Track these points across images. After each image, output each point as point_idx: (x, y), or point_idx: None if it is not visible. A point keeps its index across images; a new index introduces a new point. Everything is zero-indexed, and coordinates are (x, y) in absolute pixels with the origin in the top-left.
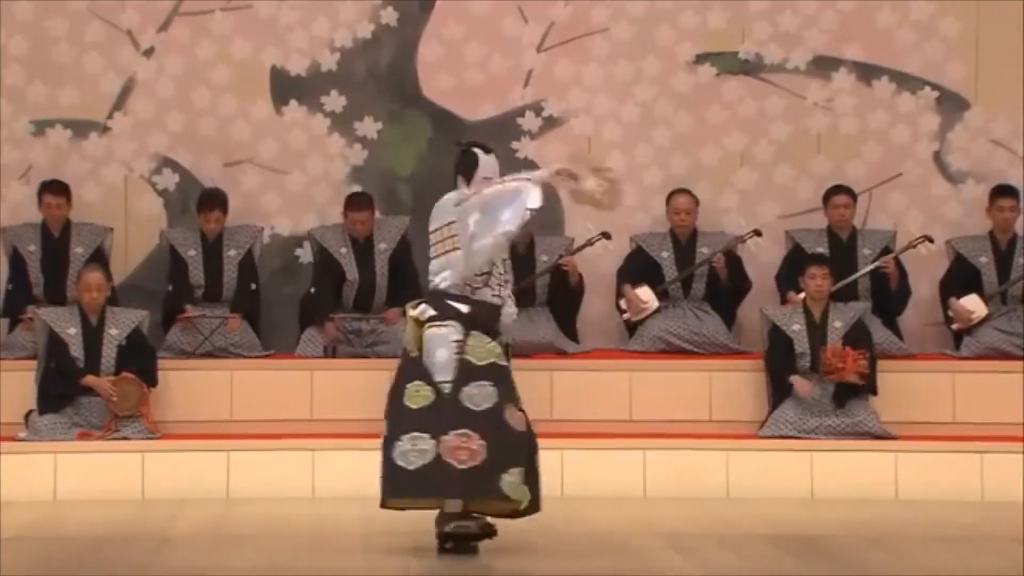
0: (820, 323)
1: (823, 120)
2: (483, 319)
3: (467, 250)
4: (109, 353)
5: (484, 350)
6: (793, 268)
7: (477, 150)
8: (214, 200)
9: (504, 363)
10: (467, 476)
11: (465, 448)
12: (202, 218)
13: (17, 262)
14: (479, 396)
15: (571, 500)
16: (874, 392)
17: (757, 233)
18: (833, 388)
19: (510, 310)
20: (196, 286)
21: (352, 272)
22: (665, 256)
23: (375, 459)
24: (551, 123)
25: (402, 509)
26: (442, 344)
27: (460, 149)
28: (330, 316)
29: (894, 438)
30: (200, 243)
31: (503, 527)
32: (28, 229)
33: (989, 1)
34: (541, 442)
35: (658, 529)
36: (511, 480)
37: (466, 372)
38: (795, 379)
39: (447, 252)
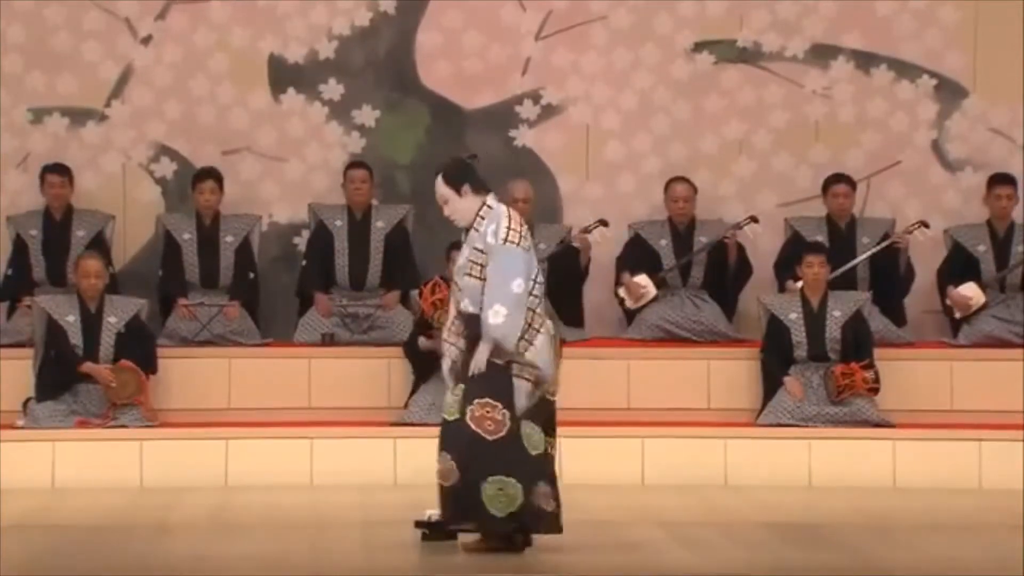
0: (818, 312)
1: (822, 108)
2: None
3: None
4: (108, 341)
5: None
6: (792, 256)
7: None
8: (207, 173)
9: None
10: None
11: None
12: (196, 192)
13: (19, 248)
14: None
15: (569, 488)
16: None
17: (754, 220)
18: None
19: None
20: (190, 268)
21: (342, 242)
22: (663, 244)
23: (373, 447)
24: (549, 111)
25: None
26: None
27: (468, 159)
28: (324, 291)
29: (892, 426)
30: (196, 228)
31: None
32: (32, 216)
33: None
34: None
35: (656, 517)
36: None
37: None
38: (788, 380)
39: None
